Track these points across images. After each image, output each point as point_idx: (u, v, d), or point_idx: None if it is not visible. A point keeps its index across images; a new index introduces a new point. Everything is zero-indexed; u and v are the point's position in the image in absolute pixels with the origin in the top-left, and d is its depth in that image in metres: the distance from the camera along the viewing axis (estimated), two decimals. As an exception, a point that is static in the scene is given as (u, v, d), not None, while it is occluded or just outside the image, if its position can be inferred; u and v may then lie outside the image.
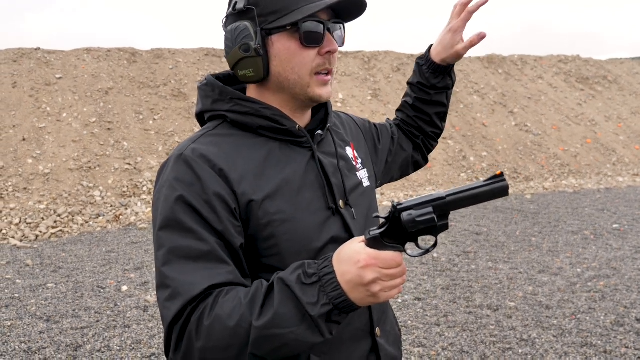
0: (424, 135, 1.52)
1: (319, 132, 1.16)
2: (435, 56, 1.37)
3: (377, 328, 1.18)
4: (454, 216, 8.58)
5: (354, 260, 0.91)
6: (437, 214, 0.93)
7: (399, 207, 0.94)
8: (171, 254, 0.97)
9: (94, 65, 11.82)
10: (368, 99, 13.64)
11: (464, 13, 1.31)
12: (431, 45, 1.40)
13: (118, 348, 3.85)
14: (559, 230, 7.54)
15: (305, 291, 0.91)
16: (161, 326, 4.22)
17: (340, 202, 1.13)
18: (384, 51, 15.60)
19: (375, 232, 0.94)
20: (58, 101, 10.68)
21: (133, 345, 3.88)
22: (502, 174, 0.94)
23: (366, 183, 1.26)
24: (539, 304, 4.58)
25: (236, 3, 1.08)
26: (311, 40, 1.05)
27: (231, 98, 1.10)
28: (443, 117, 1.50)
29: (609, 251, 6.30)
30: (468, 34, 1.32)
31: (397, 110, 1.54)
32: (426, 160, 1.56)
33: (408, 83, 1.48)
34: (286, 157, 1.10)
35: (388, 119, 1.57)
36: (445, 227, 0.95)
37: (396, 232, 0.94)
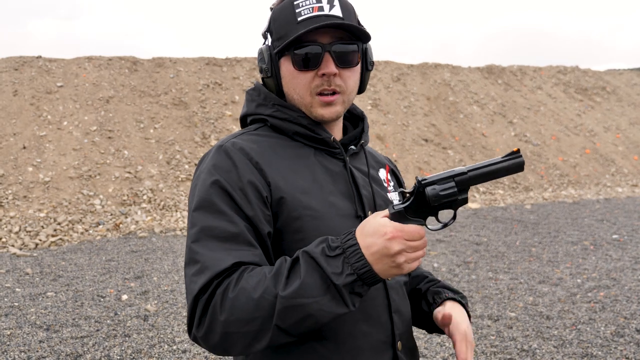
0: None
1: (352, 147, 1.21)
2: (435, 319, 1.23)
3: (399, 342, 1.16)
4: (454, 226, 8.58)
5: (380, 232, 0.95)
6: (458, 188, 0.99)
7: (423, 182, 0.99)
8: (202, 232, 1.03)
9: (95, 74, 11.86)
10: (368, 108, 13.69)
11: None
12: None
13: (118, 357, 3.84)
14: (559, 240, 7.55)
15: (330, 262, 0.95)
16: (161, 335, 4.21)
17: (369, 213, 1.16)
18: (384, 61, 15.68)
19: (399, 206, 0.99)
20: (59, 109, 10.71)
21: (133, 355, 3.87)
22: (518, 151, 1.00)
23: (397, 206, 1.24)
24: (539, 315, 4.58)
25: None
26: (303, 64, 1.11)
27: (274, 104, 1.17)
28: None
29: (609, 262, 6.31)
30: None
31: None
32: None
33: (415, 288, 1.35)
34: (320, 163, 1.15)
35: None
36: (465, 201, 1.00)
37: (419, 206, 0.99)
